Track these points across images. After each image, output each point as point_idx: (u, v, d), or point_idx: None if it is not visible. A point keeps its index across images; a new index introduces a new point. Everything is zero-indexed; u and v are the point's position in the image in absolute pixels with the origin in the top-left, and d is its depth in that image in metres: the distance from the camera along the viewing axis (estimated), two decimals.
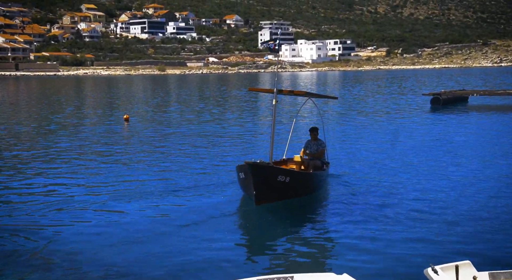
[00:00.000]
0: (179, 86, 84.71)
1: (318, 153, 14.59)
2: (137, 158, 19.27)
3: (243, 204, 13.02)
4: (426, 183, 14.77)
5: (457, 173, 16.14)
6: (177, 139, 24.17)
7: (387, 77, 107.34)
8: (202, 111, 39.34)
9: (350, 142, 22.78)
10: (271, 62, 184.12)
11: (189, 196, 13.69)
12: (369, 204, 12.69)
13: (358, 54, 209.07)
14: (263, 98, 53.97)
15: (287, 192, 12.26)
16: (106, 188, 14.48)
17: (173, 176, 16.16)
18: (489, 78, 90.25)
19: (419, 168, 16.86)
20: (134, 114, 36.21)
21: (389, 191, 13.94)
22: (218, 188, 14.49)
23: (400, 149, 20.76)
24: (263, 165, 11.69)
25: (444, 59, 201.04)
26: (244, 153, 20.07)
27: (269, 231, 11.19)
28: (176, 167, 17.52)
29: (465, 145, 21.54)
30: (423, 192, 13.77)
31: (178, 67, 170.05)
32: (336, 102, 43.03)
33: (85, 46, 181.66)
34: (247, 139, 24.58)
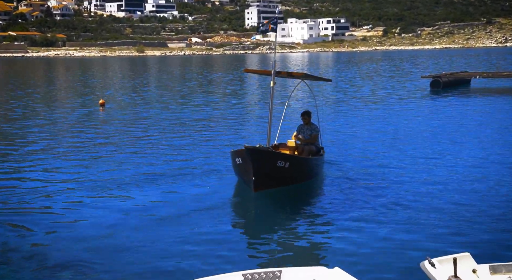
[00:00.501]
0: (159, 68, 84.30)
1: (312, 138, 14.69)
2: (114, 146, 19.21)
3: (236, 192, 13.15)
4: (424, 172, 14.90)
5: (457, 160, 16.30)
6: (159, 125, 24.13)
7: (383, 59, 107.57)
8: (185, 96, 39.23)
9: (344, 128, 22.91)
10: (259, 42, 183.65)
11: (176, 185, 13.79)
12: (365, 194, 12.83)
13: (353, 34, 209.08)
14: (252, 81, 53.90)
15: (286, 178, 12.50)
16: (82, 178, 14.45)
17: (157, 164, 16.21)
18: (493, 59, 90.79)
19: (417, 156, 17.00)
20: (111, 99, 36.03)
21: (386, 180, 14.07)
22: (208, 176, 14.63)
23: (397, 135, 20.90)
24: (263, 150, 11.90)
25: (445, 39, 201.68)
26: (235, 139, 20.24)
27: (260, 222, 11.29)
28: (160, 155, 17.55)
29: (467, 131, 21.73)
30: (421, 181, 13.90)
31: (158, 48, 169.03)
32: (330, 85, 43.12)
33: (56, 25, 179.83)
34: (237, 123, 24.62)
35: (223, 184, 13.91)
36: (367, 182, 13.87)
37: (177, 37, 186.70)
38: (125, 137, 21.19)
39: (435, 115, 26.82)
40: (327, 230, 10.57)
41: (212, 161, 16.49)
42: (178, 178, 14.40)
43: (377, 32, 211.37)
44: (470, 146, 18.44)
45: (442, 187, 13.28)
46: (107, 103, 32.83)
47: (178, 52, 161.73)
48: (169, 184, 13.87)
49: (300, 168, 12.92)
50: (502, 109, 28.81)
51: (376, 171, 15.06)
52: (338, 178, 14.35)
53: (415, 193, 12.83)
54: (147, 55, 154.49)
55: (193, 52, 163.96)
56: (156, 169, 15.48)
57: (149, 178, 14.37)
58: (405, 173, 14.75)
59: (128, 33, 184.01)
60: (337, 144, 19.05)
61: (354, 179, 14.20)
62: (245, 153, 11.84)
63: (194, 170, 15.30)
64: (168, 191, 13.26)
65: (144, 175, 14.76)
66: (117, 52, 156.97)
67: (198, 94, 40.82)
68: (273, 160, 12.00)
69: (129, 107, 32.05)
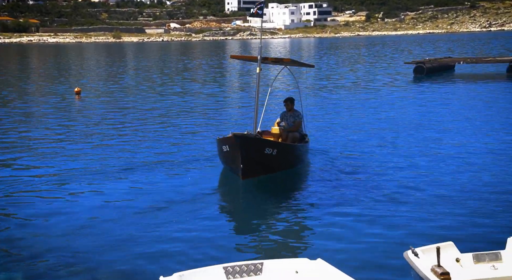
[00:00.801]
0: (137, 55, 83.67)
1: (295, 125, 14.77)
2: (91, 136, 19.08)
3: (221, 181, 13.30)
4: (406, 161, 15.03)
5: (440, 149, 16.46)
6: (138, 114, 24.02)
7: (366, 44, 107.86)
8: (164, 83, 39.03)
9: (326, 115, 23.02)
10: (239, 28, 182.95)
11: (157, 175, 13.79)
12: (348, 184, 12.94)
13: (335, 19, 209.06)
14: (234, 68, 53.77)
15: (273, 166, 12.75)
16: (56, 171, 14.33)
17: (136, 154, 16.16)
18: (477, 44, 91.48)
19: (400, 144, 17.14)
20: (87, 87, 35.73)
21: (368, 170, 14.19)
22: (191, 165, 14.71)
23: (380, 123, 21.03)
24: (251, 137, 12.19)
25: (429, 24, 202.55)
26: (218, 127, 20.34)
27: (244, 214, 11.34)
28: (139, 145, 17.50)
29: (451, 117, 21.93)
30: (404, 171, 14.02)
31: (135, 34, 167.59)
32: (312, 72, 43.15)
33: (28, 10, 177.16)
34: (219, 111, 24.62)
35: (207, 173, 13.95)
36: (350, 172, 13.96)
37: (155, 23, 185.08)
38: (102, 127, 21.04)
39: (419, 101, 27.00)
40: (311, 222, 10.64)
41: (195, 150, 16.53)
42: (159, 168, 14.38)
43: (360, 17, 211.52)
44: (454, 134, 18.61)
45: (425, 177, 13.41)
46: (83, 91, 32.54)
47: (156, 38, 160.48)
48: (149, 174, 13.84)
49: (287, 155, 13.15)
50: (486, 95, 29.08)
51: (359, 160, 15.19)
52: (322, 167, 14.49)
53: (397, 183, 12.94)
54: (124, 41, 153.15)
55: (172, 38, 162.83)
56: (136, 159, 15.41)
57: (128, 169, 14.30)
58: (388, 163, 14.85)
59: (104, 19, 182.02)
60: (320, 131, 19.18)
61: (338, 169, 14.30)
62: (233, 141, 11.98)
63: (176, 160, 15.30)
64: (149, 182, 13.23)
65: (122, 166, 14.69)
66: (93, 38, 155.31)
67: (177, 81, 40.61)
68: (261, 147, 12.22)
69: (106, 95, 31.81)
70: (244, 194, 12.42)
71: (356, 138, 18.18)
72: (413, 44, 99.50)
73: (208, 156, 15.58)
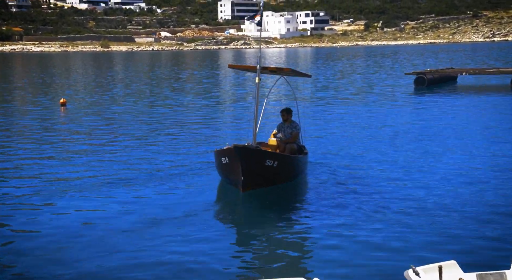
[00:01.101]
0: (126, 65, 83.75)
1: (292, 136, 14.93)
2: (77, 149, 19.06)
3: (216, 195, 13.45)
4: (406, 176, 15.05)
5: (442, 163, 16.49)
6: (126, 127, 24.02)
7: (365, 54, 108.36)
8: (155, 95, 39.06)
9: (324, 128, 23.10)
10: (233, 37, 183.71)
11: (149, 189, 13.82)
12: (347, 200, 12.96)
13: (333, 28, 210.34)
14: (228, 78, 53.89)
15: (273, 177, 13.03)
16: (41, 185, 14.29)
17: (125, 167, 16.19)
18: (480, 54, 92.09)
19: (399, 159, 17.16)
20: (72, 98, 35.69)
21: (369, 183, 14.25)
22: (181, 179, 14.75)
23: (379, 136, 21.07)
24: (253, 148, 12.41)
25: (430, 34, 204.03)
26: (212, 139, 20.47)
27: (241, 230, 11.32)
28: (129, 158, 17.52)
29: (453, 131, 21.99)
30: (404, 185, 14.05)
31: (124, 43, 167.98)
32: (309, 83, 43.32)
33: (12, 18, 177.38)
34: (212, 123, 24.63)
35: (202, 186, 14.05)
36: (349, 188, 14.00)
37: (144, 31, 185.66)
38: (89, 140, 21.01)
39: (419, 114, 27.10)
40: (309, 239, 10.65)
41: (189, 163, 16.57)
42: (150, 183, 14.39)
43: (359, 26, 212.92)
44: (455, 148, 18.65)
45: (426, 192, 13.43)
46: (69, 102, 32.49)
47: (146, 47, 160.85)
48: (141, 189, 13.85)
49: (288, 167, 13.41)
50: (489, 108, 29.21)
51: (358, 175, 15.23)
52: (320, 181, 14.61)
53: (397, 198, 12.96)
54: (113, 50, 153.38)
55: (162, 47, 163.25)
56: (125, 173, 15.40)
57: (119, 183, 14.32)
58: (387, 178, 14.87)
59: (91, 27, 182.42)
60: (318, 144, 19.31)
61: (337, 183, 14.39)
62: (234, 152, 12.24)
63: (167, 173, 15.35)
64: (140, 197, 13.22)
65: (113, 179, 14.68)
66: (80, 47, 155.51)
67: (168, 93, 40.65)
68: (262, 159, 12.48)
69: (93, 107, 31.77)
70: (241, 209, 12.46)
71: (354, 152, 18.24)
72: (414, 55, 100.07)
73: (202, 169, 15.67)
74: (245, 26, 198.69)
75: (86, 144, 20.14)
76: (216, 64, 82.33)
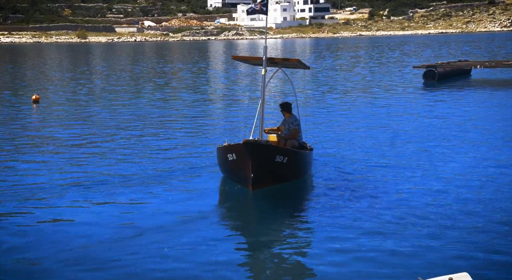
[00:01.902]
0: (105, 57, 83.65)
1: (291, 132, 15.33)
2: (52, 149, 19.09)
3: (223, 196, 13.88)
4: (415, 180, 15.17)
5: (453, 165, 16.58)
6: (105, 124, 24.12)
7: (370, 46, 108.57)
8: (137, 90, 39.03)
9: (325, 125, 23.29)
10: (224, 27, 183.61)
11: (139, 193, 13.99)
12: (353, 203, 13.15)
13: (334, 17, 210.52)
14: (217, 73, 53.87)
15: (283, 175, 13.52)
16: (12, 188, 14.31)
17: (106, 168, 16.32)
18: (496, 46, 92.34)
19: (407, 160, 17.27)
20: (46, 95, 35.69)
21: (375, 187, 14.41)
22: (183, 179, 15.16)
23: (383, 135, 21.16)
24: (263, 143, 12.79)
25: (441, 23, 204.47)
26: (202, 135, 20.90)
27: (244, 236, 11.47)
28: (109, 158, 17.68)
29: (465, 130, 22.07)
30: (413, 192, 14.13)
31: (104, 33, 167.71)
32: (309, 76, 43.40)
33: None
34: (203, 119, 24.66)
35: (203, 187, 14.37)
36: (355, 190, 14.20)
37: (126, 21, 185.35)
38: (64, 139, 21.01)
39: (429, 112, 27.14)
40: (315, 247, 10.79)
41: (180, 163, 16.93)
42: (140, 185, 14.64)
43: (362, 15, 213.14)
44: (468, 149, 18.73)
45: (437, 196, 13.51)
46: (42, 99, 32.46)
47: (128, 38, 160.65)
48: (135, 192, 14.08)
49: (297, 164, 13.85)
50: (506, 104, 29.30)
51: (365, 176, 15.48)
52: (326, 182, 14.97)
53: (406, 206, 13.01)
54: (90, 41, 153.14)
55: (146, 38, 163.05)
56: (108, 175, 15.56)
57: (98, 186, 14.42)
58: (394, 181, 15.04)
59: (67, 15, 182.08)
60: (320, 141, 19.63)
61: (342, 185, 14.71)
62: (243, 148, 12.54)
63: (158, 175, 15.66)
64: (130, 201, 13.40)
65: (92, 183, 14.76)
66: (54, 38, 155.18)
67: (153, 88, 40.63)
68: (273, 155, 12.88)
69: (68, 104, 31.77)
70: (249, 211, 12.76)
71: (358, 151, 18.46)
72: (423, 46, 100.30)
73: (201, 168, 16.13)
74: (237, 14, 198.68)
75: (61, 143, 20.13)
76: (205, 57, 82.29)
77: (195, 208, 12.66)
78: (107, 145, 19.90)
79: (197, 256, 10.18)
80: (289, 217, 12.26)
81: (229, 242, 10.96)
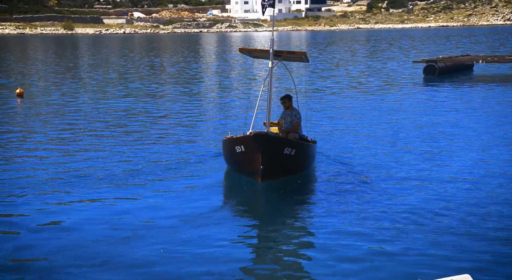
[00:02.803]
0: (92, 50, 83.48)
1: (293, 125, 15.73)
2: (37, 145, 19.07)
3: (230, 189, 14.46)
4: (416, 179, 15.20)
5: (455, 164, 16.61)
6: (92, 118, 24.15)
7: (368, 39, 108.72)
8: (126, 85, 38.97)
9: (322, 122, 23.31)
10: (217, 19, 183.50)
11: (148, 187, 14.30)
12: (353, 201, 13.27)
13: (331, 9, 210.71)
14: (209, 67, 53.86)
15: (290, 167, 14.18)
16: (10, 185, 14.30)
17: (95, 165, 16.44)
18: (499, 39, 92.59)
19: (406, 157, 17.33)
20: (31, 88, 35.62)
21: (375, 184, 14.53)
22: (186, 172, 15.57)
23: (382, 131, 21.25)
24: (273, 135, 13.49)
25: (442, 16, 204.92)
26: (204, 129, 20.95)
27: (261, 229, 11.68)
28: (97, 154, 17.84)
29: (467, 127, 22.11)
30: (414, 191, 14.16)
31: (91, 24, 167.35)
32: (306, 70, 43.42)
33: None
34: (197, 113, 24.62)
35: (208, 181, 14.81)
36: (356, 188, 14.35)
37: (115, 11, 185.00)
38: (49, 134, 21.01)
39: (428, 108, 27.17)
40: (314, 247, 10.84)
41: (185, 156, 17.43)
42: (130, 182, 14.78)
43: (360, 7, 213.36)
44: (470, 147, 18.73)
45: (439, 199, 13.45)
46: (26, 92, 32.38)
47: (116, 30, 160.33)
48: (135, 187, 14.35)
49: (304, 156, 14.55)
50: (510, 101, 29.34)
51: (365, 172, 15.74)
52: (326, 178, 15.30)
53: (407, 205, 13.02)
54: (77, 33, 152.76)
55: (135, 30, 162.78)
56: (98, 172, 15.60)
57: (87, 184, 14.46)
58: (394, 177, 15.17)
59: (52, 6, 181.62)
60: (319, 136, 19.74)
61: (342, 181, 14.97)
62: (253, 140, 13.19)
63: (151, 171, 15.79)
64: (135, 195, 13.70)
65: (84, 180, 14.84)
66: (39, 29, 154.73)
67: (144, 81, 40.55)
68: (282, 147, 13.55)
69: (54, 98, 31.73)
70: (258, 206, 13.11)
71: (355, 148, 18.58)
72: (424, 39, 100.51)
73: (202, 162, 16.64)
74: (231, 6, 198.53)
75: (46, 141, 20.09)
76: (198, 49, 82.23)
77: (202, 202, 13.06)
78: (93, 140, 19.89)
79: (206, 250, 10.43)
80: (294, 211, 12.62)
81: (237, 234, 11.24)
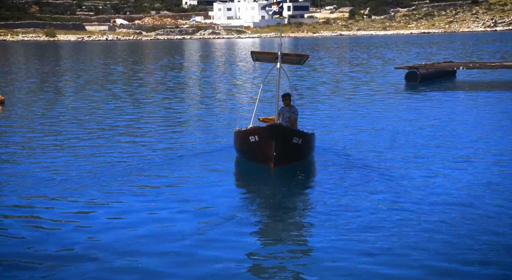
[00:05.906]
0: (75, 57, 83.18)
1: (291, 121, 17.55)
2: (18, 153, 19.00)
3: (243, 179, 16.29)
4: (399, 185, 15.19)
5: (436, 174, 16.51)
6: (76, 126, 24.08)
7: (350, 46, 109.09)
8: (110, 92, 38.83)
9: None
10: (200, 26, 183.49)
11: (164, 179, 15.49)
12: (351, 207, 13.33)
13: (314, 16, 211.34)
14: (193, 74, 53.79)
15: (297, 155, 16.41)
16: None
17: (82, 171, 16.53)
18: (480, 46, 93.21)
19: (389, 164, 17.29)
20: (12, 96, 35.44)
21: (357, 195, 14.40)
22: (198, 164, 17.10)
23: (363, 139, 21.11)
24: (285, 126, 15.90)
25: (424, 22, 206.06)
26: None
27: (253, 236, 11.77)
28: (79, 162, 17.79)
29: (449, 135, 22.08)
30: (395, 197, 14.15)
31: (73, 31, 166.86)
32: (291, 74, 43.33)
33: None
34: (177, 125, 24.56)
35: (221, 172, 16.37)
36: (353, 191, 14.53)
37: (97, 18, 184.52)
38: (31, 142, 20.90)
39: (410, 115, 27.06)
40: (315, 251, 10.93)
41: (188, 150, 18.86)
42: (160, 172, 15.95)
43: (343, 14, 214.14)
44: (451, 156, 18.63)
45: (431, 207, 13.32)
46: (7, 100, 32.20)
47: (99, 37, 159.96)
48: (150, 180, 15.43)
49: (307, 145, 16.80)
50: (491, 107, 29.43)
51: (361, 167, 16.78)
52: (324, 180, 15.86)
53: (407, 211, 12.97)
54: (59, 40, 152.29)
55: (118, 37, 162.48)
56: (88, 177, 15.35)
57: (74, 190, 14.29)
58: (378, 186, 15.08)
59: (34, 12, 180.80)
60: None
61: (339, 179, 15.71)
62: (267, 130, 15.53)
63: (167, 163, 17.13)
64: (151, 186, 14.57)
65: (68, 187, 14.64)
66: (20, 36, 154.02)
67: (129, 88, 40.46)
68: (291, 137, 15.82)
69: (36, 105, 31.59)
70: (252, 208, 13.47)
71: (347, 151, 18.55)
72: (405, 46, 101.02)
73: (206, 157, 18.18)
74: (214, 13, 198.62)
75: (27, 146, 19.98)
76: (179, 57, 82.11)
77: (222, 194, 14.35)
78: (71, 148, 19.75)
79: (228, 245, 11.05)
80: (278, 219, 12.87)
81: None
